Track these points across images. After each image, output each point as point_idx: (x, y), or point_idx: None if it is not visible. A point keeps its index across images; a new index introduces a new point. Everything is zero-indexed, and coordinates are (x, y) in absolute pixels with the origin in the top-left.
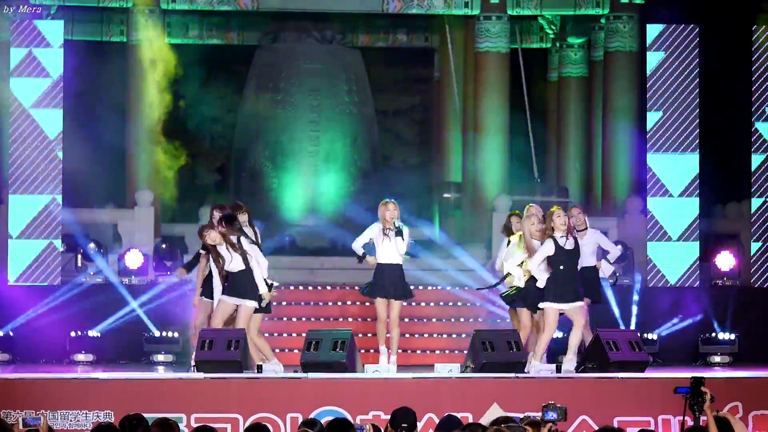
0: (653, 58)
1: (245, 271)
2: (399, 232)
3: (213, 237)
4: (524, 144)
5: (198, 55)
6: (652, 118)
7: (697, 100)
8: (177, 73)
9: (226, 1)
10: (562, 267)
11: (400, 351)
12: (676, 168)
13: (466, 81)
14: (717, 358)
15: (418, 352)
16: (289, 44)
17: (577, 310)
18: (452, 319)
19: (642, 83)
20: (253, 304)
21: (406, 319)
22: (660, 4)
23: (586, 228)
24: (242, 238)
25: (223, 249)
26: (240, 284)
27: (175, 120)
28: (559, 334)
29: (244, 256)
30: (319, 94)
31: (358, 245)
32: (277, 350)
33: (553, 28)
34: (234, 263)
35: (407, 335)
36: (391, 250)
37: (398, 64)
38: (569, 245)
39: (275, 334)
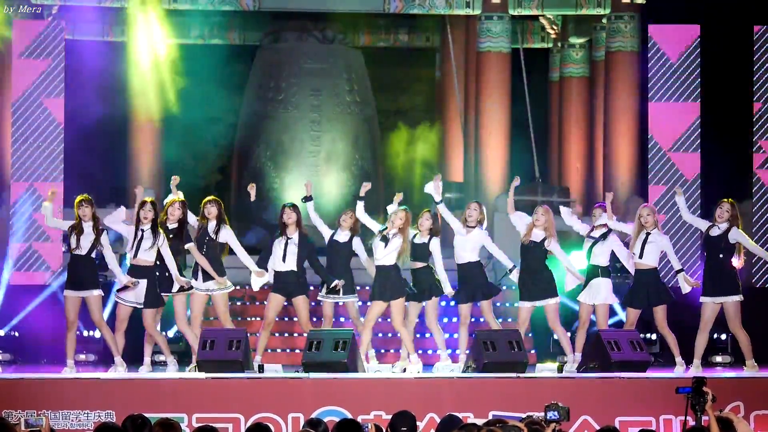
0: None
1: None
2: (385, 239)
3: None
4: (525, 144)
5: (199, 55)
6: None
7: (699, 99)
8: (178, 73)
9: (227, 1)
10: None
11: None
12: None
13: (467, 81)
14: (718, 358)
15: (419, 351)
16: (291, 44)
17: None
18: (453, 319)
19: (643, 83)
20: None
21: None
22: (661, 4)
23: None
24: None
25: None
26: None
27: (176, 120)
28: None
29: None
30: (320, 94)
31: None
32: (278, 350)
33: (555, 27)
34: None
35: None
36: (379, 253)
37: (399, 64)
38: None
39: (276, 334)
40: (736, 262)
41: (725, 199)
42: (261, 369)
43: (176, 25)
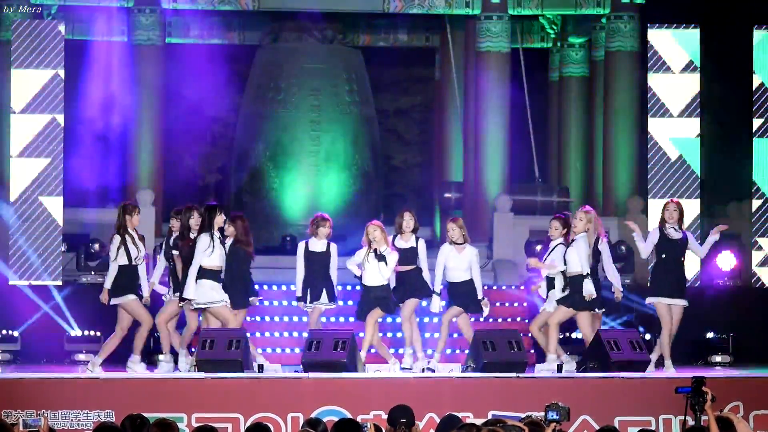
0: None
1: None
2: (381, 258)
3: None
4: (525, 144)
5: (199, 54)
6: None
7: (698, 99)
8: (178, 73)
9: (227, 0)
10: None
11: (400, 351)
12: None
13: (467, 81)
14: (718, 358)
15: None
16: (290, 44)
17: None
18: (453, 319)
19: (643, 83)
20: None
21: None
22: (661, 4)
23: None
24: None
25: None
26: None
27: (176, 120)
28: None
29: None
30: (320, 94)
31: (352, 265)
32: (278, 350)
33: (554, 27)
34: None
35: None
36: (373, 273)
37: (399, 63)
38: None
39: (277, 334)
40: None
41: (671, 200)
42: (261, 369)
43: (176, 24)
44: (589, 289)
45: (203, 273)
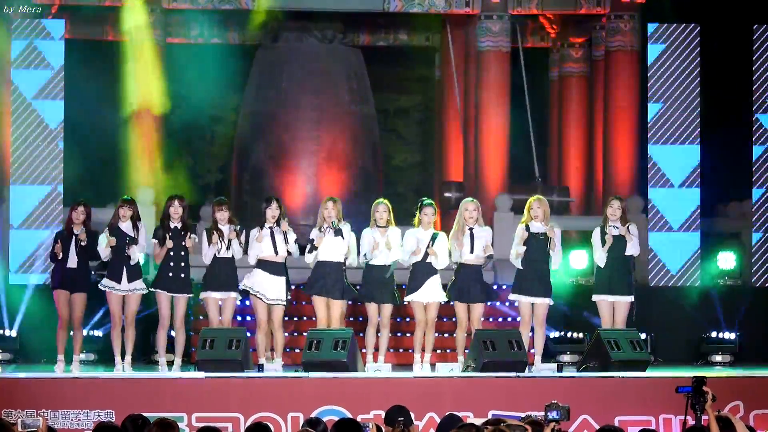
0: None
1: None
2: (338, 232)
3: None
4: (525, 143)
5: (199, 54)
6: (653, 109)
7: (698, 99)
8: (178, 73)
9: (227, 0)
10: None
11: (401, 351)
12: (677, 159)
13: (467, 80)
14: (718, 358)
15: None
16: (291, 44)
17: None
18: (453, 318)
19: (643, 82)
20: None
21: (408, 318)
22: (661, 2)
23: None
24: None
25: None
26: None
27: (177, 119)
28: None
29: None
30: (320, 94)
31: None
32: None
33: (554, 27)
34: None
35: (408, 334)
36: (329, 248)
37: (399, 63)
38: None
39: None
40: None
41: (614, 196)
42: (261, 368)
43: (176, 24)
44: None
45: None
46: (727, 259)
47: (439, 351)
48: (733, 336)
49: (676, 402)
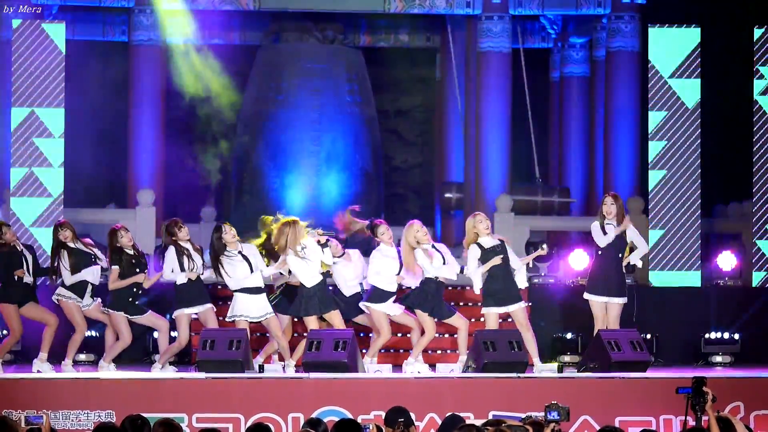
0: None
1: None
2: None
3: None
4: (526, 144)
5: (199, 54)
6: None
7: (699, 98)
8: (177, 73)
9: (227, 1)
10: None
11: (401, 351)
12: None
13: (467, 81)
14: (718, 358)
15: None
16: (291, 44)
17: None
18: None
19: (644, 83)
20: None
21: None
22: (662, 4)
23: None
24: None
25: None
26: None
27: (176, 119)
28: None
29: None
30: (320, 94)
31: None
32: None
33: (555, 27)
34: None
35: (408, 335)
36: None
37: (400, 64)
38: None
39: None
40: (636, 259)
41: (608, 193)
42: (261, 369)
43: (176, 24)
44: None
45: None
46: (727, 260)
47: (439, 351)
48: (733, 337)
49: (676, 403)
